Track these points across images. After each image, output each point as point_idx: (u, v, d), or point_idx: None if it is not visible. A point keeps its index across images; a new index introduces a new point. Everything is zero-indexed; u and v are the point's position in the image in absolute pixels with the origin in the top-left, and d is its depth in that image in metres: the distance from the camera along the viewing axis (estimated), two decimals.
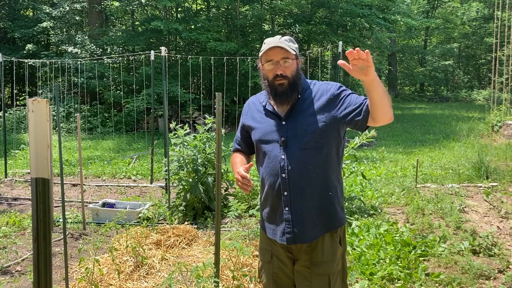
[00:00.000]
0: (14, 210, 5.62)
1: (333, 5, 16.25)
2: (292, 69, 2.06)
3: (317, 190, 2.03)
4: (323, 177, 2.03)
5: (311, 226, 2.04)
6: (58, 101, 4.00)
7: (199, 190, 5.08)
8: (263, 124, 2.13)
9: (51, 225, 4.58)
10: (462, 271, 3.55)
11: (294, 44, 2.12)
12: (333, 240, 2.06)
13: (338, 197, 2.10)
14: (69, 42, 15.93)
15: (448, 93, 30.50)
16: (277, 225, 2.11)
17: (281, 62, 2.04)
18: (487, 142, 9.95)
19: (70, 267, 3.76)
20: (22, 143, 11.05)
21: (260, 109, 2.18)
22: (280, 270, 2.15)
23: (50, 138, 3.65)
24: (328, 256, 2.04)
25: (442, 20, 29.79)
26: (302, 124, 2.03)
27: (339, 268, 2.08)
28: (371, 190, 6.01)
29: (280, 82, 2.04)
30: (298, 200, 2.04)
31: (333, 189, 2.07)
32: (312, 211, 2.04)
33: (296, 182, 2.03)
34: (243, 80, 13.32)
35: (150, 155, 7.31)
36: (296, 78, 2.07)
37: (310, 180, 2.03)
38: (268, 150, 2.09)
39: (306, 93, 2.10)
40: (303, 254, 2.06)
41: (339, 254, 2.08)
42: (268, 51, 2.04)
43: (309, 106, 2.06)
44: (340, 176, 2.15)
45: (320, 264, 2.03)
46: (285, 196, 2.05)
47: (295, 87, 2.06)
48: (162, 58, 6.38)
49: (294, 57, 2.08)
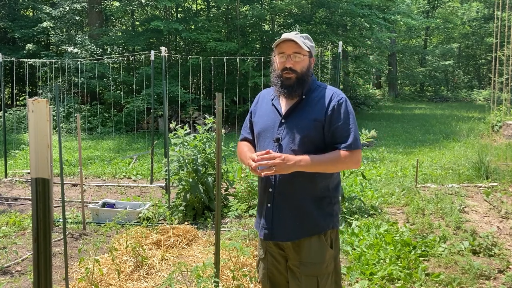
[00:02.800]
0: (14, 210, 5.61)
1: (333, 5, 16.24)
2: (302, 65, 2.07)
3: (301, 193, 2.05)
4: (309, 181, 2.04)
5: (290, 226, 2.06)
6: (58, 101, 4.00)
7: (199, 190, 5.08)
8: (265, 118, 2.17)
9: (51, 225, 4.58)
10: (462, 271, 3.55)
11: (311, 42, 2.14)
12: (321, 242, 2.06)
13: (326, 203, 2.08)
14: (69, 42, 15.93)
15: (448, 93, 30.51)
16: (260, 219, 2.18)
17: (292, 56, 2.06)
18: (487, 142, 9.95)
19: (70, 267, 3.76)
20: (22, 143, 11.05)
21: (268, 102, 2.21)
22: (273, 267, 2.18)
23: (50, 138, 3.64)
24: (316, 257, 2.04)
25: (442, 20, 29.77)
26: (297, 127, 2.05)
27: (329, 270, 2.08)
28: (371, 190, 6.01)
29: (288, 75, 2.06)
30: (280, 199, 2.08)
31: (319, 196, 2.06)
32: (293, 212, 2.06)
33: (281, 181, 2.06)
34: (243, 80, 13.32)
35: (150, 155, 7.31)
36: (305, 74, 2.08)
37: (294, 182, 2.04)
38: (263, 145, 2.12)
39: (312, 95, 2.10)
40: (293, 253, 2.09)
41: (328, 256, 2.07)
42: (282, 43, 2.08)
43: (309, 110, 2.07)
44: (334, 183, 2.13)
45: (308, 265, 2.05)
46: (269, 192, 2.10)
47: (302, 83, 2.07)
48: (162, 58, 6.38)
49: (307, 54, 2.09)
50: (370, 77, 27.76)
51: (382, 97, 28.53)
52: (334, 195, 2.12)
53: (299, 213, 2.05)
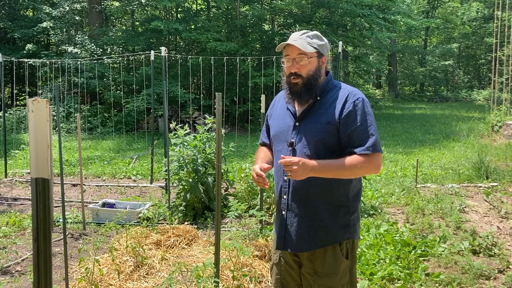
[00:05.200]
0: (14, 210, 5.61)
1: (333, 5, 16.24)
2: (308, 68, 1.96)
3: (316, 201, 1.95)
4: (326, 189, 1.93)
5: (303, 236, 1.98)
6: (58, 101, 4.00)
7: (199, 190, 5.08)
8: (279, 121, 2.09)
9: (51, 225, 4.58)
10: (462, 271, 3.55)
11: (320, 40, 2.01)
12: (336, 253, 1.97)
13: (343, 213, 1.97)
14: (69, 42, 15.92)
15: (448, 93, 30.51)
16: (277, 225, 2.11)
17: (297, 59, 1.96)
18: (487, 142, 9.95)
19: (70, 267, 3.76)
20: (22, 143, 11.04)
21: (283, 105, 2.12)
22: (287, 273, 2.11)
23: (50, 138, 3.65)
24: (330, 268, 1.96)
25: (442, 20, 29.75)
26: (310, 130, 1.95)
27: (343, 282, 1.99)
28: (371, 190, 6.01)
29: (294, 81, 1.97)
30: (295, 207, 1.99)
31: (336, 204, 1.96)
32: (307, 221, 1.97)
33: (296, 188, 1.97)
34: (243, 80, 13.31)
35: (150, 155, 7.31)
36: (312, 78, 1.97)
37: (310, 189, 1.94)
38: (278, 150, 2.06)
39: (327, 96, 1.99)
40: (307, 261, 2.02)
41: (343, 267, 1.98)
42: (286, 47, 1.99)
43: (322, 112, 1.96)
44: (353, 191, 2.00)
45: (321, 276, 1.97)
46: (284, 199, 2.02)
47: (310, 88, 1.96)
48: (162, 58, 6.37)
49: (315, 54, 1.97)
50: (370, 77, 27.81)
51: (382, 97, 28.54)
52: (352, 204, 1.99)
53: (313, 222, 1.96)
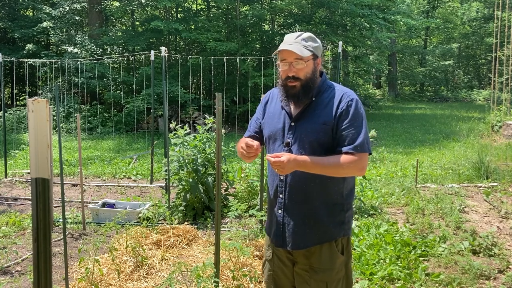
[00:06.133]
0: (14, 210, 5.61)
1: (333, 5, 16.24)
2: (306, 71, 1.98)
3: (312, 201, 1.98)
4: (321, 188, 1.97)
5: (301, 234, 2.01)
6: (58, 101, 4.00)
7: (199, 190, 5.08)
8: (274, 121, 2.10)
9: (51, 225, 4.58)
10: (462, 271, 3.55)
11: (314, 42, 2.03)
12: (332, 249, 2.01)
13: (338, 210, 2.02)
14: (69, 42, 15.92)
15: (448, 93, 30.51)
16: (272, 225, 2.13)
17: (294, 63, 1.97)
18: (487, 142, 9.95)
19: (70, 267, 3.76)
20: (22, 143, 11.04)
21: (278, 103, 2.13)
22: (279, 270, 2.14)
23: (50, 138, 3.65)
24: (326, 264, 2.00)
25: (442, 20, 29.75)
26: (306, 130, 1.98)
27: (339, 276, 2.03)
28: (371, 190, 6.01)
29: (292, 84, 1.98)
30: (291, 206, 2.02)
31: (331, 203, 2.00)
32: (304, 220, 2.00)
33: (292, 187, 2.00)
34: (243, 80, 13.32)
35: (150, 155, 7.31)
36: (310, 80, 1.99)
37: (306, 188, 1.98)
38: (273, 149, 2.07)
39: (322, 97, 2.02)
40: (302, 258, 2.05)
41: (339, 263, 2.02)
42: (282, 51, 1.99)
43: (318, 113, 1.99)
44: (347, 189, 2.05)
45: (318, 271, 2.01)
46: (280, 198, 2.05)
47: (308, 89, 1.99)
48: (162, 58, 6.37)
49: (311, 58, 1.99)
50: (370, 77, 27.79)
51: (382, 97, 28.53)
52: (347, 202, 2.04)
53: (309, 221, 1.99)
